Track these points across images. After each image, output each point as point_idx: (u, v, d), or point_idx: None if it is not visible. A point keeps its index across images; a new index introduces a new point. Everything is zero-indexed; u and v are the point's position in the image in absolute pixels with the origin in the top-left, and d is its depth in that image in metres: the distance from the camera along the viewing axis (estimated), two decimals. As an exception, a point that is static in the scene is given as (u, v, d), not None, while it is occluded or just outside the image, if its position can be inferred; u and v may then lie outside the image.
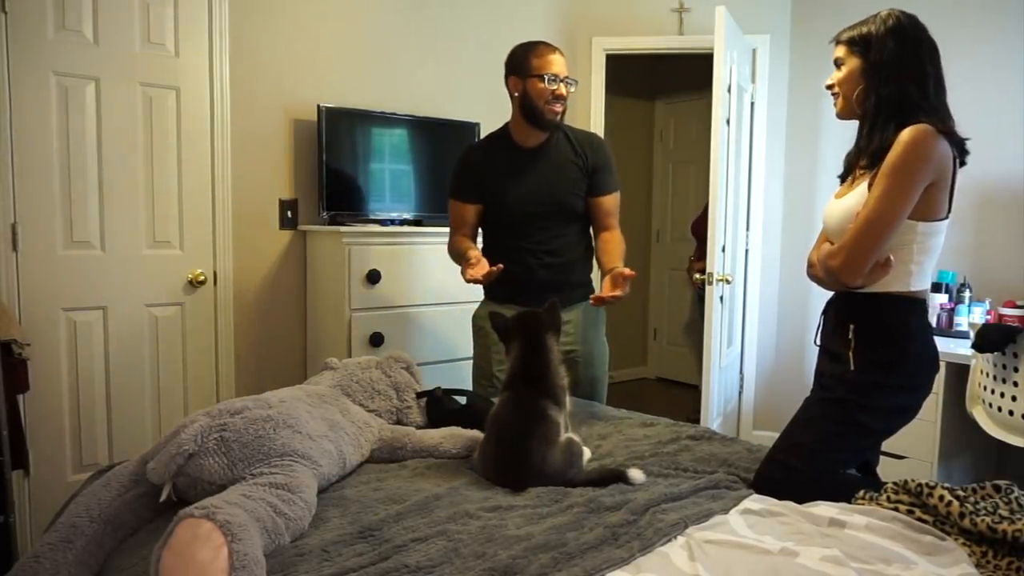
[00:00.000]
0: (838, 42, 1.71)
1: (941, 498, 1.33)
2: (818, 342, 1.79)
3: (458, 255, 2.31)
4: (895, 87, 1.59)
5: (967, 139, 1.62)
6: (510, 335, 1.80)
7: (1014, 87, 3.27)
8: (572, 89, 2.31)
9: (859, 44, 1.65)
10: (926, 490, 1.37)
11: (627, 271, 2.07)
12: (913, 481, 1.41)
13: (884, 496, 1.44)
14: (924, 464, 2.98)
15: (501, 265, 2.11)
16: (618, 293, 2.05)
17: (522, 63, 2.28)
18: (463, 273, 2.19)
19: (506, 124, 2.40)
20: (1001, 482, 1.39)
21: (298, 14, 3.17)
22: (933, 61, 1.63)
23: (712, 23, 3.26)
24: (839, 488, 1.53)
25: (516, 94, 2.30)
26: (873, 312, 1.63)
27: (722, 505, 1.47)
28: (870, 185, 1.60)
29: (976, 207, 3.38)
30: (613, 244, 2.35)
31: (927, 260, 1.63)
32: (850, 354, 1.62)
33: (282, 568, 1.22)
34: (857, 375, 1.62)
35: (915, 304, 1.64)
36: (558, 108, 2.28)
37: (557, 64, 2.27)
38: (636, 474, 1.61)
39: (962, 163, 1.63)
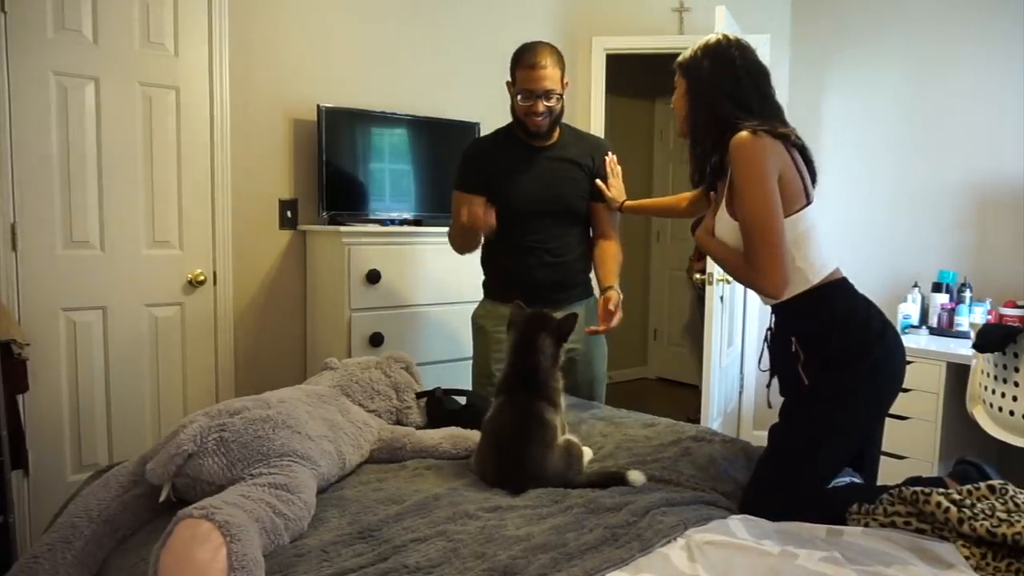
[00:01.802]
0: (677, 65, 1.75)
1: (938, 504, 1.32)
2: (762, 368, 1.80)
3: (458, 233, 2.36)
4: (712, 108, 1.63)
5: (790, 130, 1.61)
6: (512, 330, 1.79)
7: (1014, 87, 3.27)
8: (552, 103, 2.25)
9: (682, 67, 1.71)
10: (922, 497, 1.35)
11: (612, 302, 2.22)
12: (908, 489, 1.40)
13: (880, 508, 1.42)
14: (924, 464, 2.98)
15: (494, 210, 2.24)
16: (613, 324, 2.20)
17: (512, 71, 2.28)
18: (462, 216, 2.25)
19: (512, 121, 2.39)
20: (995, 482, 1.38)
21: (298, 14, 3.17)
22: (754, 81, 1.64)
23: (712, 23, 3.25)
24: (827, 504, 1.51)
25: (511, 99, 2.31)
26: (802, 317, 1.63)
27: (721, 513, 1.47)
28: (728, 205, 1.63)
29: (976, 207, 3.38)
30: (610, 256, 2.39)
31: (811, 249, 1.60)
32: (800, 368, 1.61)
33: (281, 568, 1.21)
34: (810, 382, 1.60)
35: (831, 289, 1.62)
36: (538, 120, 2.25)
37: (534, 80, 2.20)
38: (636, 476, 1.60)
39: (805, 157, 1.62)
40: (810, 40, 3.87)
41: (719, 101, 1.62)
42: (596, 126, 3.99)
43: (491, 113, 3.38)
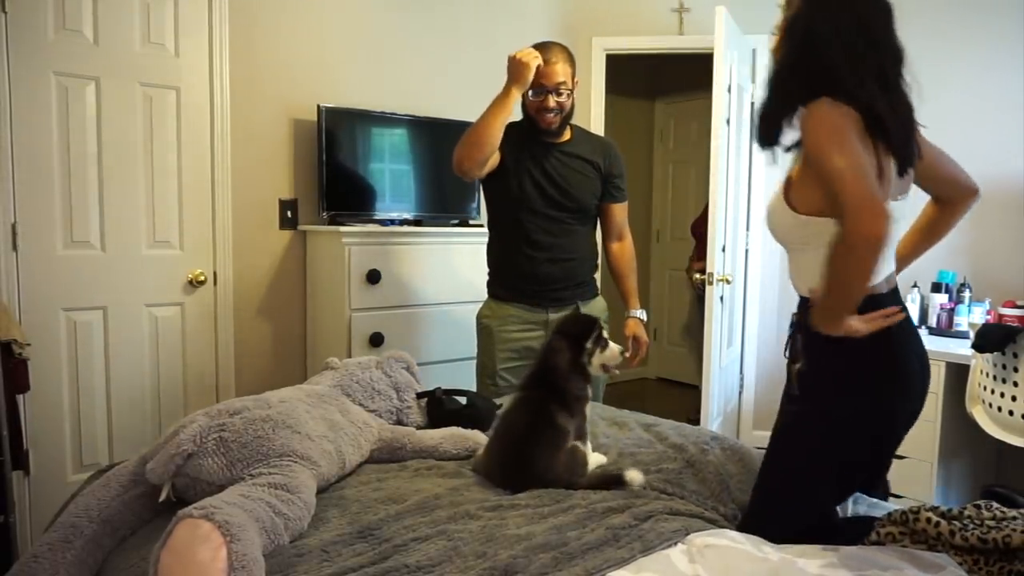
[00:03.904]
0: None
1: (928, 520, 1.33)
2: (787, 355, 1.58)
3: (478, 123, 2.21)
4: (801, 57, 1.38)
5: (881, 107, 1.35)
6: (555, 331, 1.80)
7: (1014, 87, 3.27)
8: (563, 99, 2.27)
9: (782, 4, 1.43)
10: (911, 516, 1.36)
11: (634, 332, 2.49)
12: (898, 510, 1.40)
13: (872, 533, 1.40)
14: (924, 464, 2.98)
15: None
16: (642, 354, 2.47)
17: None
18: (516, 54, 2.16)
19: (523, 120, 2.40)
20: (980, 501, 1.39)
21: (298, 14, 3.17)
22: (852, 26, 1.36)
23: (712, 23, 3.25)
24: (831, 533, 1.41)
25: (521, 100, 2.31)
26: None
27: (722, 524, 1.47)
28: (787, 189, 1.42)
29: (976, 207, 3.37)
30: (627, 266, 2.54)
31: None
32: (793, 369, 1.46)
33: (281, 568, 1.22)
34: (804, 394, 1.44)
35: (867, 306, 1.33)
36: (550, 118, 2.27)
37: (545, 75, 2.22)
38: (633, 475, 1.60)
39: (900, 138, 1.37)
40: (810, 40, 3.86)
41: (819, 54, 1.35)
42: (596, 126, 3.99)
43: (491, 113, 3.38)
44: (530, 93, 2.25)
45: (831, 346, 1.33)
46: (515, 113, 2.42)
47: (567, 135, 2.39)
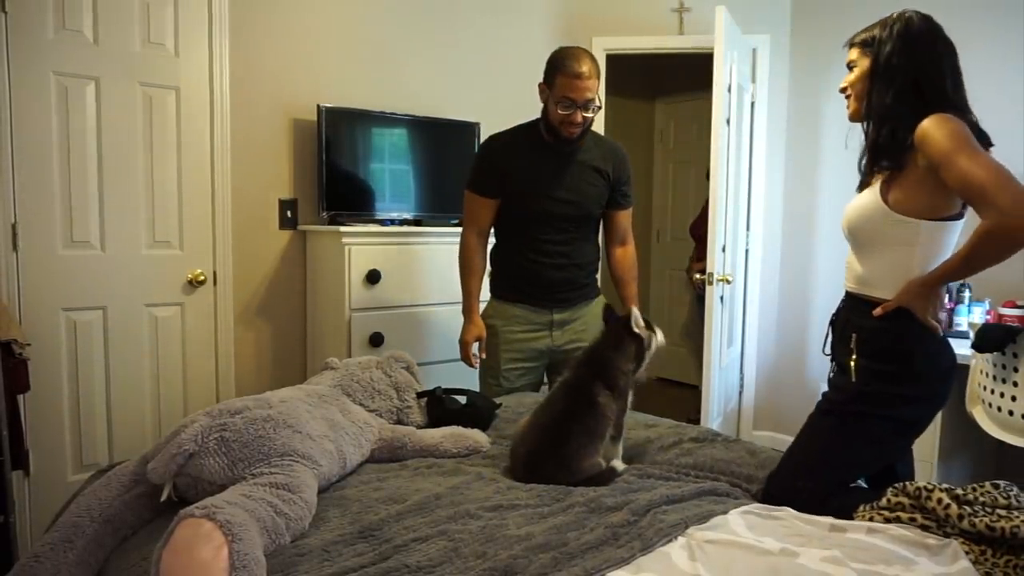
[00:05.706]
0: (851, 45, 1.69)
1: (939, 501, 1.34)
2: (826, 351, 1.76)
3: (463, 278, 2.46)
4: (906, 87, 1.56)
5: (980, 125, 1.58)
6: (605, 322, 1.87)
7: (1014, 87, 3.27)
8: (590, 114, 2.23)
9: (870, 45, 1.64)
10: (924, 493, 1.36)
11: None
12: (912, 484, 1.41)
13: (884, 499, 1.43)
14: (924, 464, 2.98)
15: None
16: None
17: (550, 75, 2.24)
18: (464, 353, 2.43)
19: (537, 120, 2.36)
20: (1000, 481, 1.39)
21: (298, 14, 3.17)
22: (949, 60, 1.60)
23: (712, 23, 3.25)
24: (845, 506, 1.50)
25: (543, 102, 2.29)
26: (876, 322, 1.58)
27: (723, 508, 1.47)
28: (886, 187, 1.57)
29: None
30: (627, 266, 2.51)
31: (933, 263, 1.56)
32: (851, 364, 1.59)
33: (282, 568, 1.22)
34: (859, 386, 1.58)
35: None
36: (573, 130, 2.24)
37: (577, 89, 2.17)
38: (618, 464, 1.70)
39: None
40: (810, 40, 3.87)
41: (917, 83, 1.56)
42: (596, 126, 3.97)
43: (491, 113, 3.39)
44: (558, 107, 2.20)
45: (886, 343, 1.56)
46: (529, 113, 2.41)
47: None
